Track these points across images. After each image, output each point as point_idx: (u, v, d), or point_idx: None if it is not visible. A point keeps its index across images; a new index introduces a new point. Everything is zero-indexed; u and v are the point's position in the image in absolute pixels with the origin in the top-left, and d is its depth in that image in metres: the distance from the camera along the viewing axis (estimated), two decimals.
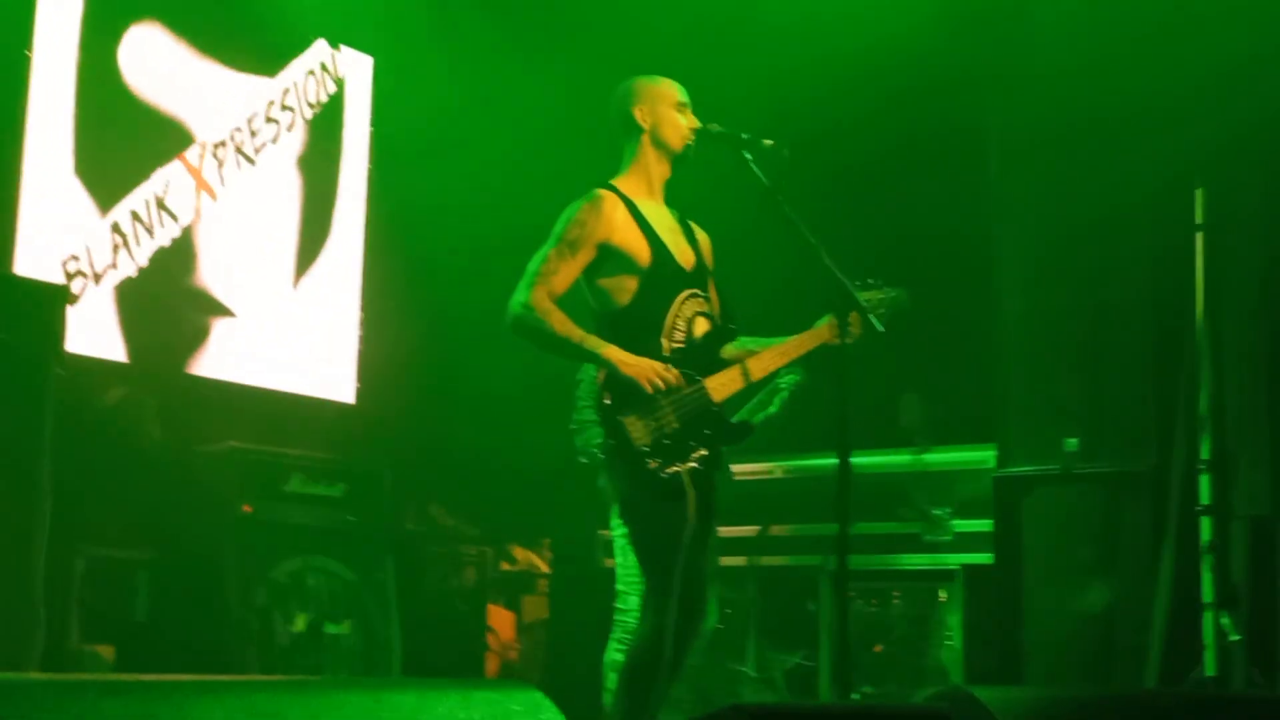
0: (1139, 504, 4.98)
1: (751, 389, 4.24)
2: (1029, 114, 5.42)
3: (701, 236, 4.34)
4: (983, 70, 5.77)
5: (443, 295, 7.07)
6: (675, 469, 3.92)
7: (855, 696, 5.17)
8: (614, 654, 4.98)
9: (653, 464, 3.92)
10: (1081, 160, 5.18)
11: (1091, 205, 5.10)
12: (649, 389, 3.90)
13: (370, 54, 7.27)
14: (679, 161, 4.21)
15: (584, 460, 5.22)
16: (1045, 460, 5.07)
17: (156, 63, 6.28)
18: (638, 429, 3.92)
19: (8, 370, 4.43)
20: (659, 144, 4.20)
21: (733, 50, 6.57)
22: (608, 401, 3.95)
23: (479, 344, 6.49)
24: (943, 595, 5.34)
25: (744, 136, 4.12)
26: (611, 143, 4.31)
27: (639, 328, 4.07)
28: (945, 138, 6.27)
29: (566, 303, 4.11)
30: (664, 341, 4.06)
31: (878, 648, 5.39)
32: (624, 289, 4.10)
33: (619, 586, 5.08)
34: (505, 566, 7.11)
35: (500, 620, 6.92)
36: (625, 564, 5.09)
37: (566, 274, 4.07)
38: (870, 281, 4.20)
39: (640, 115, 4.20)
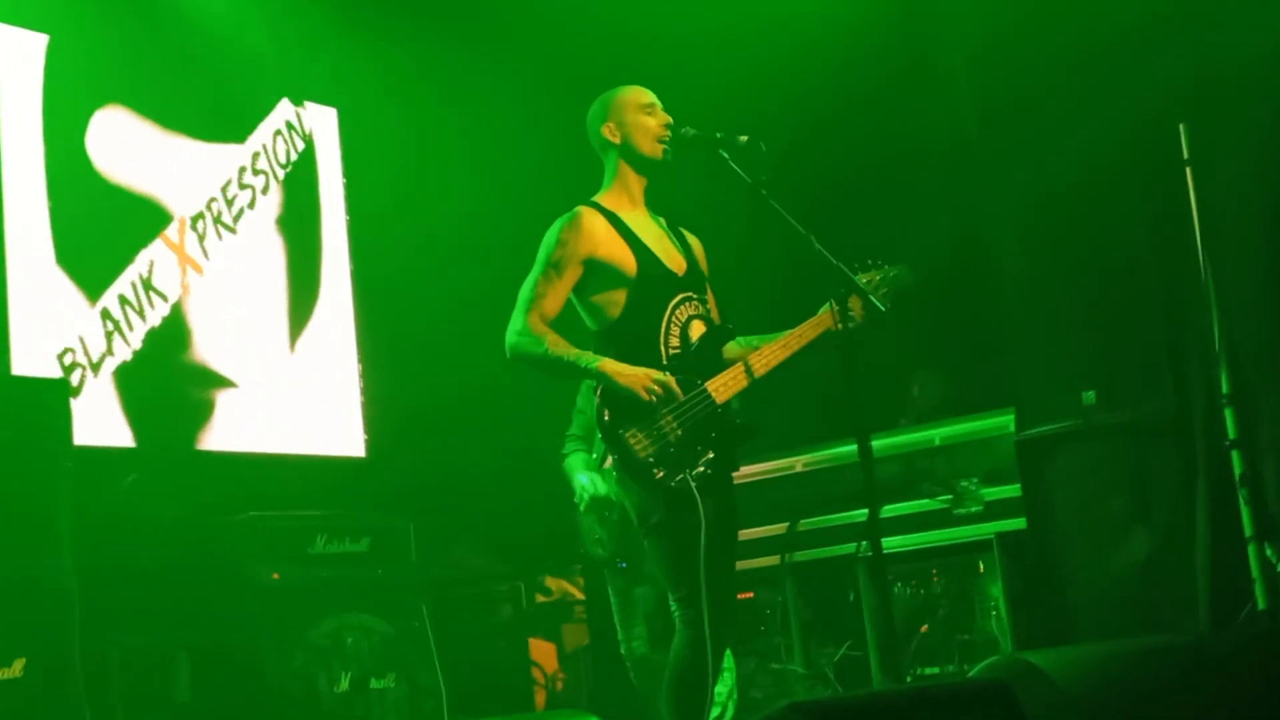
0: (1165, 447, 4.94)
1: (756, 385, 4.17)
2: (1001, 73, 5.38)
3: (693, 241, 4.32)
4: (946, 33, 5.74)
5: (439, 335, 7.04)
6: (682, 476, 3.89)
7: (909, 680, 5.13)
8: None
9: (659, 474, 3.89)
10: (1059, 110, 5.14)
11: (1076, 155, 5.06)
12: (646, 397, 3.87)
13: (333, 105, 7.25)
14: (658, 166, 4.17)
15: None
16: (1065, 417, 5.02)
17: (124, 145, 6.26)
18: (640, 441, 3.89)
19: (19, 470, 4.41)
20: (633, 155, 4.17)
21: (698, 58, 6.54)
22: (607, 418, 3.92)
23: (481, 379, 6.47)
24: (981, 567, 5.30)
25: (718, 136, 4.09)
26: (592, 157, 4.29)
27: (634, 339, 4.04)
28: (921, 113, 6.25)
29: (563, 325, 4.09)
30: (660, 349, 4.03)
31: (924, 628, 5.35)
32: (614, 302, 4.08)
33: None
34: (540, 598, 7.07)
35: (542, 652, 6.88)
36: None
37: (556, 296, 4.06)
38: (870, 262, 4.17)
39: (609, 131, 4.17)
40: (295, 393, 6.73)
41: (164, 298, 6.25)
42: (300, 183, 7.03)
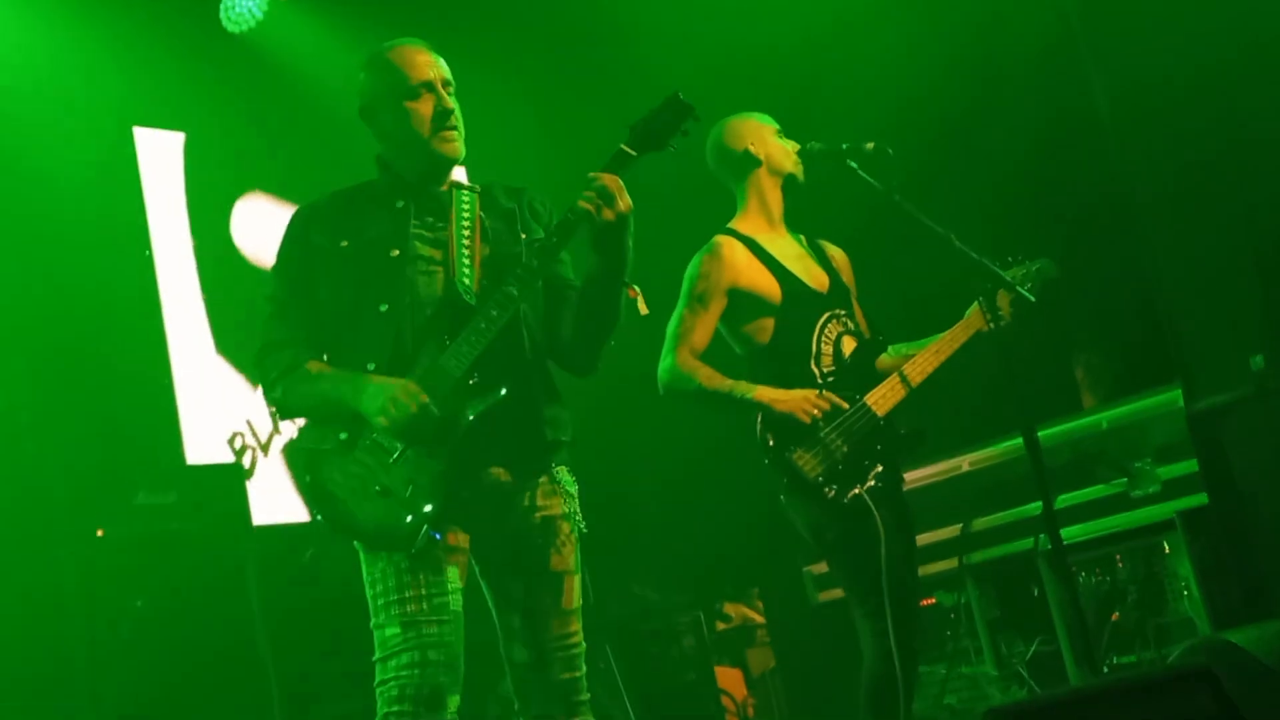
0: None
1: (914, 395, 4.14)
2: (1125, 38, 5.22)
3: (836, 254, 4.31)
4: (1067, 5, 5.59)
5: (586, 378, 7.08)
6: (855, 491, 3.88)
7: (1106, 671, 5.01)
8: None
9: (830, 492, 3.89)
10: (1187, 59, 4.95)
11: (1210, 105, 4.89)
12: (806, 419, 3.87)
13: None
14: (793, 189, 4.19)
15: None
16: (1235, 385, 4.87)
17: (266, 228, 6.45)
18: (808, 461, 3.90)
19: (206, 556, 4.56)
20: (776, 173, 4.19)
21: (788, 66, 6.50)
22: (772, 443, 3.93)
23: (635, 414, 6.50)
24: (1167, 547, 5.16)
25: (844, 147, 4.09)
26: (713, 184, 4.30)
27: (786, 362, 4.06)
28: (1046, 92, 6.13)
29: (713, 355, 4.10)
30: (814, 369, 4.03)
31: (1115, 616, 5.22)
32: (763, 329, 4.10)
33: None
34: (721, 626, 7.06)
35: (730, 680, 6.87)
36: None
37: (704, 329, 4.09)
38: (1010, 259, 4.14)
39: (755, 149, 4.20)
40: None
41: None
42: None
